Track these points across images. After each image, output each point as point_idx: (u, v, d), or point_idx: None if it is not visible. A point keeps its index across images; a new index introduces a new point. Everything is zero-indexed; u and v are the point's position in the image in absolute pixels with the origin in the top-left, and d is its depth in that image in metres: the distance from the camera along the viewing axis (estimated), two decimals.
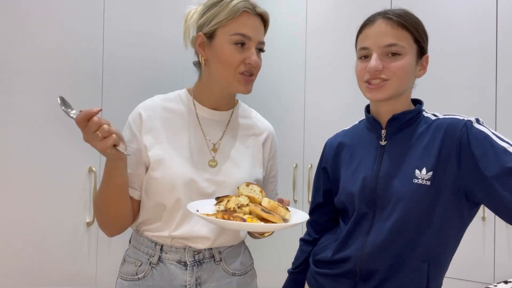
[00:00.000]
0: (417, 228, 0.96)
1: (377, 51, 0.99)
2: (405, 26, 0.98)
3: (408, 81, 1.01)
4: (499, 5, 2.01)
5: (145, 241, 1.09)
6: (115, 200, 1.03)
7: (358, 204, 1.04)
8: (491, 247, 1.99)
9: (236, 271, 1.12)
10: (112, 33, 1.93)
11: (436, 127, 0.99)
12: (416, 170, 0.97)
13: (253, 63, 1.04)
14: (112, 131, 0.91)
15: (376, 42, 0.99)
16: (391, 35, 0.98)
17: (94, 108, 0.90)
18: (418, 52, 1.01)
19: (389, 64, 0.98)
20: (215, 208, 0.98)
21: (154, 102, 1.12)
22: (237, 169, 1.11)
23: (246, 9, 1.03)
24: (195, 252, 1.07)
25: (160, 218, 1.07)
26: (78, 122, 0.90)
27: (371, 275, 0.99)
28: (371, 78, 1.00)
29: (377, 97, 1.01)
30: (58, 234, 1.72)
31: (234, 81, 1.05)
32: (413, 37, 0.99)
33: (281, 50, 2.61)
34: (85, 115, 0.89)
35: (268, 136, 1.21)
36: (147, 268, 1.07)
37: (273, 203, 0.96)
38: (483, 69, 2.03)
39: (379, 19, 1.01)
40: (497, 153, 0.89)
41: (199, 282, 1.07)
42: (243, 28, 1.03)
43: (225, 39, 1.03)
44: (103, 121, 0.91)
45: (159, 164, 1.05)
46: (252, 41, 1.04)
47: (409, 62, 0.99)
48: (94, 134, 0.90)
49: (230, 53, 1.03)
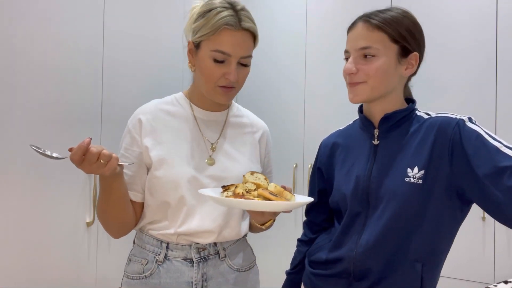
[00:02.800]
0: (410, 227, 0.97)
1: (354, 54, 1.02)
2: (381, 27, 0.99)
3: (388, 82, 1.01)
4: (499, 5, 2.00)
5: (151, 240, 1.11)
6: (118, 209, 1.06)
7: (351, 203, 1.04)
8: (491, 247, 1.98)
9: (240, 267, 1.15)
10: (112, 33, 1.93)
11: (428, 126, 0.99)
12: (408, 169, 0.97)
13: (231, 79, 1.05)
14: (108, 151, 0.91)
15: (353, 45, 1.02)
16: (365, 38, 1.00)
17: (84, 140, 0.88)
18: (399, 51, 1.01)
19: (363, 66, 1.00)
20: (223, 194, 1.01)
21: (152, 105, 1.14)
22: (237, 164, 1.14)
23: (227, 26, 1.02)
24: (200, 249, 1.09)
25: (166, 216, 1.09)
26: (74, 161, 0.89)
27: (365, 275, 0.99)
28: (349, 81, 1.03)
29: (356, 100, 1.03)
30: (58, 234, 1.73)
31: (213, 92, 1.08)
32: (390, 38, 0.99)
33: (281, 50, 2.61)
34: (80, 151, 0.88)
35: (263, 133, 1.24)
36: (154, 266, 1.08)
37: (279, 188, 0.99)
38: (483, 69, 2.03)
39: (359, 22, 1.03)
40: (489, 152, 0.89)
41: (205, 278, 1.09)
42: (223, 45, 1.03)
43: (206, 53, 1.04)
44: (99, 147, 0.90)
45: (162, 163, 1.08)
46: (232, 57, 1.04)
47: (385, 63, 0.99)
48: (97, 164, 0.89)
49: (210, 68, 1.04)
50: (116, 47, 1.96)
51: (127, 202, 1.07)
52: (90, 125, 1.85)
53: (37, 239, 1.65)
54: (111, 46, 1.93)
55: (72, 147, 0.89)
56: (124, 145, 1.12)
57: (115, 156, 0.93)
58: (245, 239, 1.22)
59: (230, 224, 1.12)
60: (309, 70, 2.54)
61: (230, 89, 1.08)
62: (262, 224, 1.09)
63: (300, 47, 2.56)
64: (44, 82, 1.67)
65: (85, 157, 0.88)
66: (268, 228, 1.12)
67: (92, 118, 1.86)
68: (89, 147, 0.88)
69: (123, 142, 1.13)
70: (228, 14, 1.03)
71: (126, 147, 1.11)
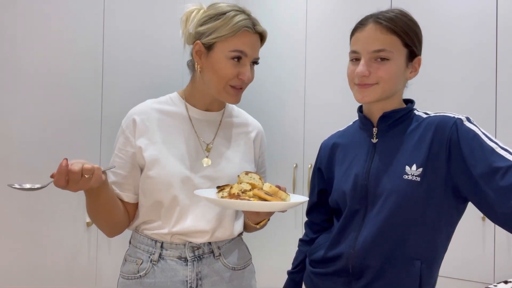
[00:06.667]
0: (408, 224, 0.98)
1: (366, 56, 1.01)
2: (395, 31, 1.00)
3: (396, 85, 1.03)
4: (499, 5, 2.00)
5: (145, 240, 1.11)
6: (106, 212, 1.07)
7: (350, 201, 1.05)
8: (491, 247, 1.99)
9: (235, 265, 1.15)
10: (112, 33, 1.93)
11: (426, 125, 1.00)
12: (406, 166, 0.98)
13: (245, 79, 1.09)
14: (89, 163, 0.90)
15: (365, 47, 1.01)
16: (379, 40, 0.99)
17: (61, 163, 0.86)
18: (408, 55, 1.02)
19: (376, 69, 1.00)
20: (219, 195, 1.02)
21: (146, 105, 1.15)
22: (230, 165, 1.15)
23: (247, 28, 1.07)
24: (194, 248, 1.10)
25: (159, 216, 1.10)
26: (59, 185, 0.87)
27: (363, 272, 1.00)
28: (359, 83, 1.03)
29: (365, 100, 1.04)
30: (58, 234, 1.72)
31: (224, 92, 1.10)
32: (403, 42, 1.00)
33: (281, 50, 2.61)
34: (62, 175, 0.86)
35: (258, 134, 1.26)
36: (148, 266, 1.09)
37: (274, 188, 1.00)
38: (483, 69, 2.03)
39: (370, 23, 1.02)
40: (484, 152, 0.90)
41: (200, 277, 1.10)
42: (242, 45, 1.07)
43: (223, 53, 1.07)
44: (78, 164, 0.88)
45: (155, 163, 1.08)
46: (248, 58, 1.09)
47: (397, 67, 1.00)
48: (83, 180, 0.88)
49: (226, 67, 1.07)
50: (116, 47, 1.96)
51: (116, 204, 1.08)
52: (90, 126, 1.85)
53: (37, 239, 1.65)
54: (111, 46, 1.93)
55: (53, 172, 0.86)
56: (118, 145, 1.13)
57: (97, 166, 0.92)
58: (240, 237, 1.22)
59: (224, 224, 1.13)
60: (309, 71, 2.54)
61: (240, 89, 1.11)
62: (256, 223, 1.10)
63: (300, 47, 2.56)
64: (44, 83, 1.67)
65: (69, 178, 0.87)
66: (263, 227, 1.13)
67: (92, 118, 1.86)
68: (69, 167, 0.87)
69: (117, 143, 1.13)
70: (244, 17, 1.08)
71: (119, 147, 1.12)
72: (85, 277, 1.84)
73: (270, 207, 0.96)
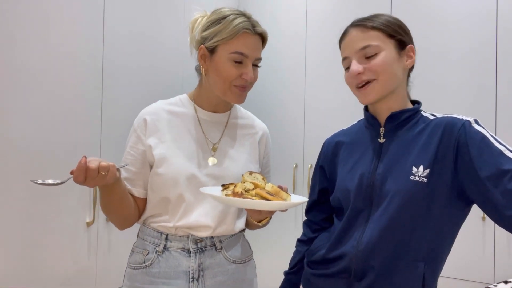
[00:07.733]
0: (412, 225, 0.97)
1: (355, 56, 1.04)
2: (374, 26, 1.03)
3: (394, 75, 1.03)
4: (499, 5, 2.01)
5: (151, 232, 1.18)
6: (119, 207, 1.14)
7: (354, 200, 1.05)
8: (491, 247, 1.99)
9: (236, 259, 1.20)
10: (112, 34, 1.93)
11: (434, 126, 1.00)
12: (413, 167, 0.98)
13: (248, 79, 1.14)
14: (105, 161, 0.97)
15: (351, 49, 1.05)
16: (362, 39, 1.03)
17: (81, 160, 0.93)
18: (397, 45, 1.04)
19: (368, 64, 1.02)
20: (223, 193, 1.06)
21: (157, 106, 1.21)
22: (235, 164, 1.20)
23: (246, 30, 1.11)
24: (197, 240, 1.16)
25: (166, 211, 1.16)
26: (77, 181, 0.94)
27: (366, 273, 0.99)
28: (358, 83, 1.04)
29: (369, 100, 1.04)
30: (58, 234, 1.72)
31: (229, 93, 1.15)
32: (386, 34, 1.03)
33: (281, 50, 2.61)
34: (80, 172, 0.93)
35: (263, 135, 1.30)
36: (154, 256, 1.15)
37: (276, 188, 1.05)
38: (483, 68, 2.03)
39: (350, 29, 1.07)
40: (493, 155, 0.91)
41: (202, 268, 1.15)
42: (242, 47, 1.12)
43: (224, 56, 1.12)
44: (96, 162, 0.95)
45: (163, 161, 1.14)
46: (249, 59, 1.13)
47: (388, 57, 1.02)
48: (99, 176, 0.95)
49: (228, 69, 1.12)
50: (116, 48, 1.96)
51: (128, 199, 1.15)
52: (90, 126, 1.85)
53: (37, 239, 1.65)
54: (111, 47, 1.93)
55: (73, 169, 0.94)
56: (129, 143, 1.19)
57: (112, 164, 0.99)
58: (241, 233, 1.26)
59: (226, 221, 1.18)
60: (309, 71, 2.54)
61: (245, 89, 1.16)
62: (259, 221, 1.14)
63: (300, 47, 2.56)
64: (44, 83, 1.67)
65: (87, 175, 0.94)
66: (265, 225, 1.17)
67: (92, 119, 1.86)
68: (88, 164, 0.93)
69: (129, 141, 1.19)
70: (243, 20, 1.12)
71: (131, 145, 1.18)
72: (85, 277, 1.84)
73: (271, 206, 1.00)
